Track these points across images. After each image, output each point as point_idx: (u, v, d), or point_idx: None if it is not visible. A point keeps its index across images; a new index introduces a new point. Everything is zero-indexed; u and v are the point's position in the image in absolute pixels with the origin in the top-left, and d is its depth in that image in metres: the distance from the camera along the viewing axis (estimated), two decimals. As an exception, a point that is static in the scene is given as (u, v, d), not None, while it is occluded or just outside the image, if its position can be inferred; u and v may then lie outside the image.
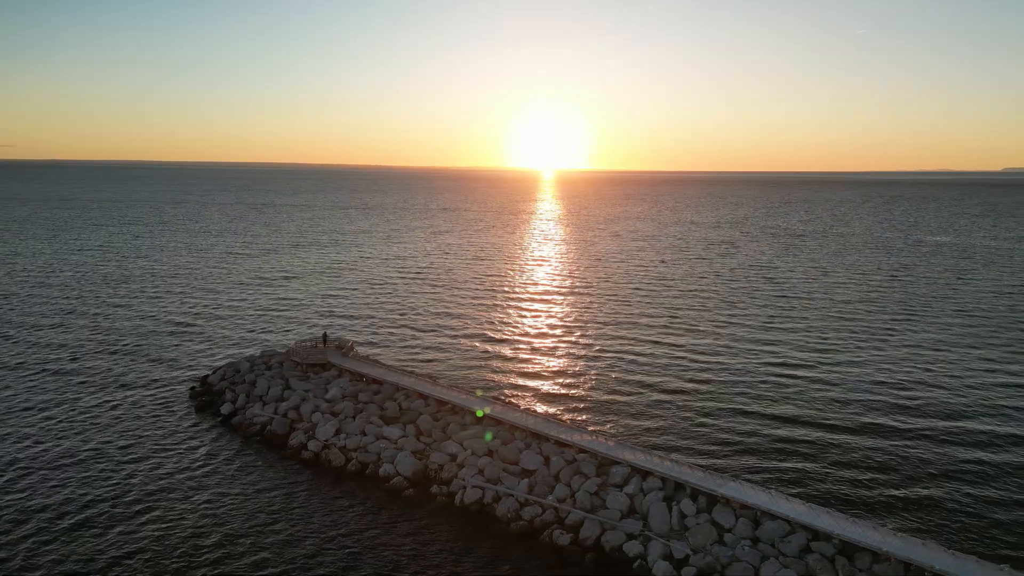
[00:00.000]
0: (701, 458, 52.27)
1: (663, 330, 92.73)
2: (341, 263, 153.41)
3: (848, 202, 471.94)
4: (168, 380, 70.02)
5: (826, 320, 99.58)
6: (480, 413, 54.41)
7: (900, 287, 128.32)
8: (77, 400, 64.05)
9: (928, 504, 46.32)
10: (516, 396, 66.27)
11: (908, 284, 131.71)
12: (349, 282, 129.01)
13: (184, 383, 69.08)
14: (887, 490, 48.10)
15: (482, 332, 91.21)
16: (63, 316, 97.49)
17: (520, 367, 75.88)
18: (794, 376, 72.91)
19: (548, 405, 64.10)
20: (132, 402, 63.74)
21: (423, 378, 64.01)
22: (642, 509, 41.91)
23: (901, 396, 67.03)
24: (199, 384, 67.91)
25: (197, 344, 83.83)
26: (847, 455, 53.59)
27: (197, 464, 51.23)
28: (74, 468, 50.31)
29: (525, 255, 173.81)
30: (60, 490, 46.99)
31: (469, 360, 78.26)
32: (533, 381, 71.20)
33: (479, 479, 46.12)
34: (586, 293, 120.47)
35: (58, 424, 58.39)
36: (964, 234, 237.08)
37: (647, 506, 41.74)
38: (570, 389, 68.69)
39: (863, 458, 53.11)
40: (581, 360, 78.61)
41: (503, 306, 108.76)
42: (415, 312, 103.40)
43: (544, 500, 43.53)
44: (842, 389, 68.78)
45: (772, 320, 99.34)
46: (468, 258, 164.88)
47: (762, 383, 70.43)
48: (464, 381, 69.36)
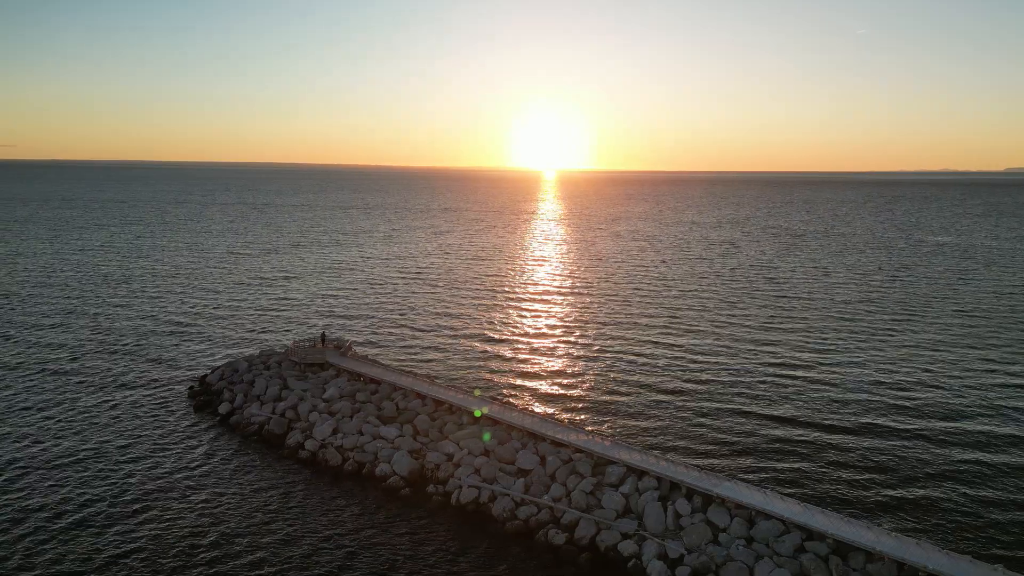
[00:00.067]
0: (699, 458, 52.31)
1: (662, 330, 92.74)
2: (341, 263, 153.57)
3: (850, 202, 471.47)
4: (167, 380, 70.18)
5: (826, 320, 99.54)
6: (478, 413, 54.44)
7: (901, 287, 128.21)
8: (76, 400, 64.22)
9: (925, 504, 46.33)
10: (515, 396, 66.33)
11: (909, 284, 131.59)
12: (349, 282, 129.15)
13: (183, 383, 69.23)
14: (884, 490, 48.11)
15: (481, 332, 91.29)
16: (63, 316, 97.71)
17: (519, 367, 75.94)
18: (793, 376, 72.91)
19: (546, 405, 64.17)
20: (131, 402, 63.90)
21: (421, 378, 64.08)
22: (637, 509, 41.96)
23: (900, 396, 67.01)
24: (198, 384, 68.07)
25: (197, 344, 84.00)
26: (845, 455, 53.60)
27: (195, 464, 51.37)
28: (72, 467, 50.49)
29: (525, 255, 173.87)
30: (58, 489, 47.16)
31: (468, 360, 78.33)
32: (532, 381, 71.27)
33: (475, 479, 46.20)
34: (586, 293, 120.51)
35: (57, 424, 58.57)
36: (966, 234, 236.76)
37: (642, 506, 41.78)
38: (569, 389, 68.76)
39: (861, 458, 53.11)
40: (580, 360, 78.66)
41: (503, 306, 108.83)
42: (415, 312, 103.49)
43: (540, 500, 43.59)
44: (841, 389, 68.77)
45: (772, 320, 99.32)
46: (468, 258, 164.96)
47: (761, 383, 70.44)
48: (463, 381, 69.42)
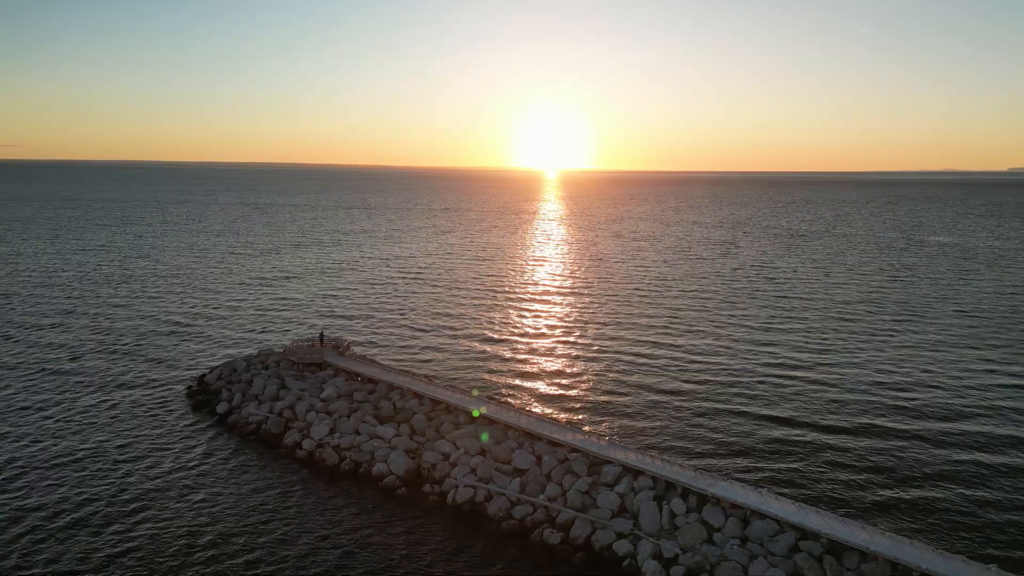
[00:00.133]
0: (697, 458, 52.32)
1: (662, 330, 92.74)
2: (342, 263, 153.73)
3: (852, 202, 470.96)
4: (166, 380, 70.32)
5: (826, 321, 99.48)
6: (476, 413, 54.46)
7: (901, 287, 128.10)
8: (75, 399, 64.38)
9: (921, 505, 46.28)
10: (513, 396, 66.37)
11: (910, 284, 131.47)
12: (349, 282, 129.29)
13: (182, 383, 69.35)
14: (881, 491, 48.09)
15: (481, 332, 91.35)
16: (63, 316, 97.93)
17: (518, 367, 75.98)
18: (792, 377, 72.89)
19: (545, 405, 64.21)
20: (130, 401, 64.04)
21: (418, 377, 64.16)
22: (632, 508, 42.00)
23: (899, 397, 66.97)
24: (196, 383, 68.21)
25: (196, 344, 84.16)
26: (843, 456, 53.56)
27: (192, 463, 51.49)
28: (71, 466, 50.64)
29: (526, 255, 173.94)
30: (56, 489, 47.30)
31: (467, 360, 78.40)
32: (531, 381, 71.32)
33: (471, 478, 46.27)
34: (586, 293, 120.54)
35: (55, 423, 58.74)
36: (968, 234, 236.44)
37: (637, 505, 41.82)
38: (568, 389, 68.80)
39: (859, 459, 53.08)
40: (579, 360, 78.71)
41: (502, 306, 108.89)
42: (414, 312, 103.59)
43: (535, 499, 43.65)
44: (840, 390, 68.73)
45: (772, 320, 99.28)
46: (469, 258, 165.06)
47: (760, 383, 70.43)
48: (462, 381, 69.48)
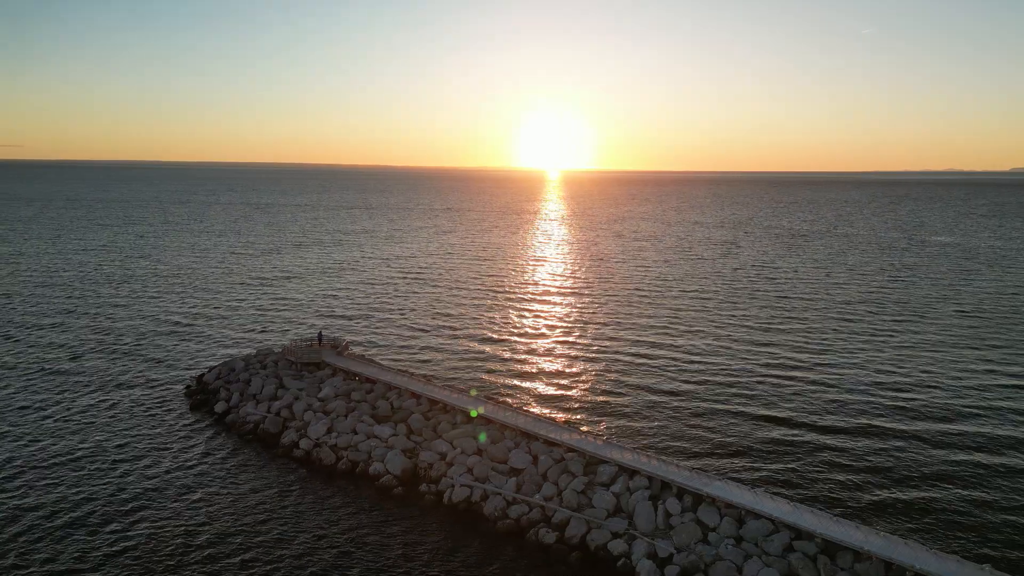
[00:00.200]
0: (694, 458, 52.34)
1: (662, 331, 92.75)
2: (342, 263, 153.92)
3: (853, 202, 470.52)
4: (165, 379, 70.48)
5: (826, 321, 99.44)
6: (474, 413, 54.48)
7: (902, 288, 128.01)
8: (74, 399, 64.56)
9: (918, 505, 46.26)
10: (512, 396, 66.44)
11: (910, 285, 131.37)
12: (349, 282, 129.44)
13: (181, 382, 69.51)
14: (878, 491, 48.08)
15: (480, 332, 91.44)
16: (63, 316, 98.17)
17: (517, 367, 76.05)
18: (792, 377, 72.87)
19: (544, 405, 64.26)
20: (129, 401, 64.21)
21: (416, 377, 64.26)
22: (628, 508, 42.04)
23: (898, 397, 66.93)
24: (194, 383, 68.36)
25: (196, 344, 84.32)
26: (841, 456, 53.55)
27: (190, 463, 51.62)
28: (69, 466, 50.78)
29: (526, 255, 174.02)
30: (55, 488, 47.44)
31: (467, 360, 78.48)
32: (529, 381, 71.38)
33: (467, 478, 46.35)
34: (586, 293, 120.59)
35: (54, 423, 58.91)
36: (969, 234, 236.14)
37: (633, 505, 41.87)
38: (567, 389, 68.85)
39: (856, 459, 53.06)
40: (579, 360, 78.75)
41: (502, 306, 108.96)
42: (414, 312, 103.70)
43: (531, 499, 43.71)
44: (839, 390, 68.71)
45: (772, 321, 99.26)
46: (469, 258, 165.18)
47: (759, 384, 70.42)
48: (461, 381, 69.57)
